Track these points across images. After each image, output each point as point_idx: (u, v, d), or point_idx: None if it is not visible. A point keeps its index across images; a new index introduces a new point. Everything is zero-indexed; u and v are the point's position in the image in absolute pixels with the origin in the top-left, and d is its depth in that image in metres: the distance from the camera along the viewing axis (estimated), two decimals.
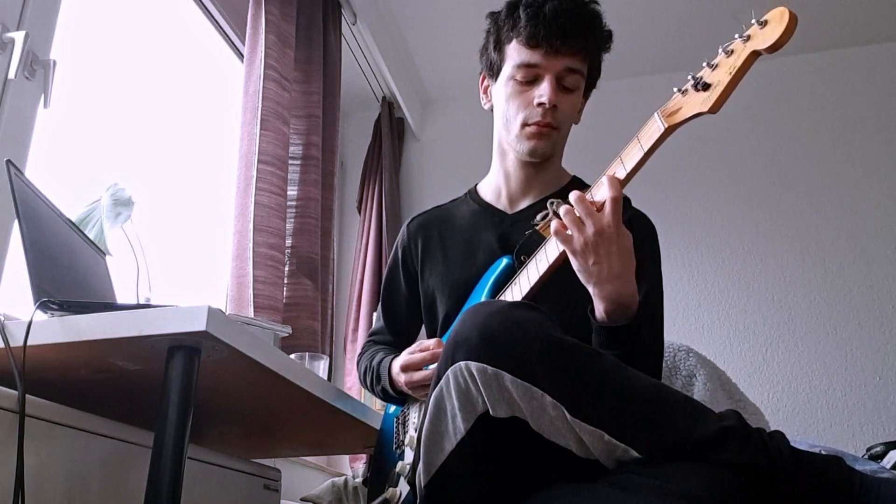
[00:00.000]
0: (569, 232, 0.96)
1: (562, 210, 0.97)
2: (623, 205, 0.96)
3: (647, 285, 1.12)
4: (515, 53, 1.17)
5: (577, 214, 0.95)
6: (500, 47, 1.21)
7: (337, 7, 2.56)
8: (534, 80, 1.16)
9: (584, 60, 1.17)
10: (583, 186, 1.25)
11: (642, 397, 0.80)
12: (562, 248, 0.98)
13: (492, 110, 1.27)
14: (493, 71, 1.23)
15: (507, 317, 0.84)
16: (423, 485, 0.89)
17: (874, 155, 2.77)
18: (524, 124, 1.18)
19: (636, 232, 1.14)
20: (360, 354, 1.40)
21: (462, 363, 0.83)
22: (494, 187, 1.30)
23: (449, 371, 0.85)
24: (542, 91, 1.14)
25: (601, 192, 0.97)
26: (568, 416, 0.79)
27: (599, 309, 0.98)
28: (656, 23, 2.83)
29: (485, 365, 0.81)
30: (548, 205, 1.07)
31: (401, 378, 1.17)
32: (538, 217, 1.08)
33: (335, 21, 2.54)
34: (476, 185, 1.37)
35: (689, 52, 2.84)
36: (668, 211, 2.83)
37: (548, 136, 1.18)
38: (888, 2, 2.71)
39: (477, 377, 0.82)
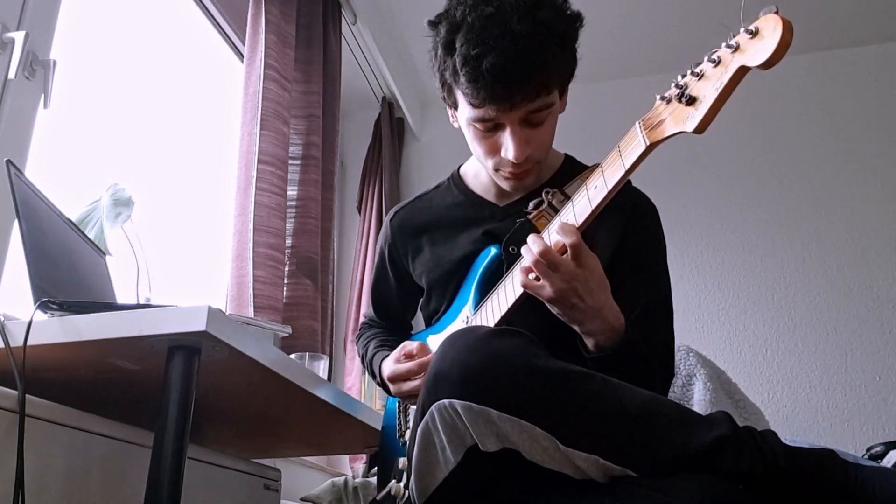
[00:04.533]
0: (540, 282, 0.92)
1: (529, 261, 0.92)
2: (622, 188, 0.91)
3: (654, 280, 1.09)
4: (466, 104, 1.02)
5: (544, 266, 0.90)
6: (447, 88, 1.07)
7: (337, 7, 2.56)
8: (495, 127, 1.03)
9: (548, 93, 1.01)
10: (577, 166, 1.18)
11: (634, 416, 0.79)
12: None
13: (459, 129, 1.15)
14: (450, 103, 1.11)
15: (486, 349, 0.81)
16: None
17: (874, 155, 2.77)
18: (497, 169, 1.09)
19: (639, 222, 1.11)
20: (358, 336, 1.40)
21: (446, 401, 0.80)
22: (482, 181, 1.21)
23: (433, 407, 0.82)
24: (507, 146, 1.02)
25: (558, 235, 0.93)
26: (561, 446, 0.78)
27: (590, 343, 0.96)
28: (661, 22, 2.83)
29: (469, 403, 0.79)
30: (543, 193, 1.02)
31: (391, 387, 1.16)
32: (531, 205, 1.03)
33: (335, 21, 2.54)
34: (459, 168, 1.28)
35: (692, 52, 2.84)
36: (668, 211, 2.80)
37: (526, 176, 1.10)
38: (888, 2, 2.71)
39: (462, 415, 0.80)
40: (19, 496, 0.80)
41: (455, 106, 1.09)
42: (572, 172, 1.09)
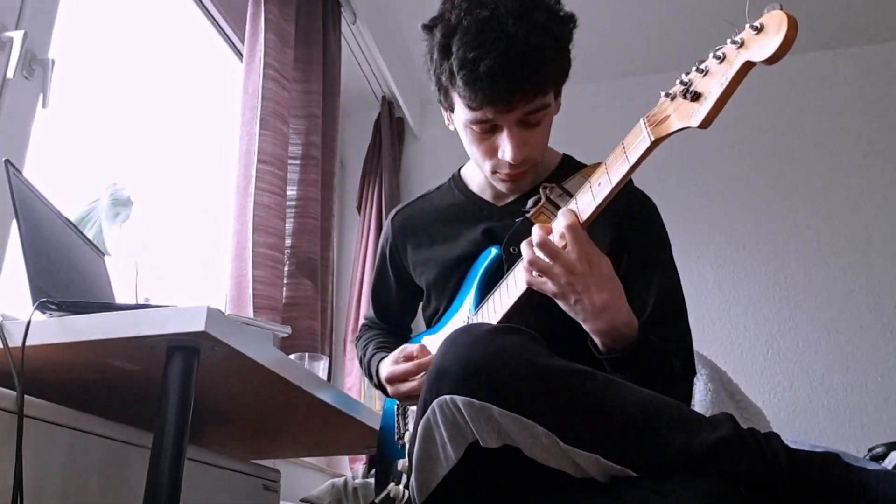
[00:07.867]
0: (542, 278, 0.92)
1: (527, 258, 0.92)
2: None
3: (660, 277, 1.07)
4: (463, 107, 1.02)
5: (543, 258, 0.90)
6: (444, 91, 1.07)
7: (337, 6, 2.55)
8: (492, 129, 1.04)
9: (544, 94, 1.01)
10: (576, 164, 1.17)
11: (634, 416, 0.78)
12: None
13: (457, 131, 1.15)
14: (446, 106, 1.12)
15: (488, 346, 0.81)
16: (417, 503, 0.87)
17: (875, 155, 2.77)
18: (494, 171, 1.09)
19: (636, 219, 1.10)
20: (358, 338, 1.40)
21: (447, 397, 0.80)
22: (480, 181, 1.21)
23: (434, 403, 0.82)
24: (505, 147, 1.02)
25: (560, 223, 0.92)
26: (561, 443, 0.78)
27: (598, 342, 0.95)
28: (660, 22, 2.83)
29: (471, 399, 0.79)
30: (540, 189, 1.02)
31: (388, 388, 1.15)
32: (529, 203, 1.03)
33: (335, 21, 2.54)
34: (460, 169, 1.28)
35: (691, 51, 2.84)
36: (667, 211, 2.80)
37: (522, 178, 1.10)
38: (888, 2, 2.71)
39: (464, 411, 0.79)
40: (18, 497, 0.79)
41: (451, 109, 1.10)
42: (570, 170, 1.09)
